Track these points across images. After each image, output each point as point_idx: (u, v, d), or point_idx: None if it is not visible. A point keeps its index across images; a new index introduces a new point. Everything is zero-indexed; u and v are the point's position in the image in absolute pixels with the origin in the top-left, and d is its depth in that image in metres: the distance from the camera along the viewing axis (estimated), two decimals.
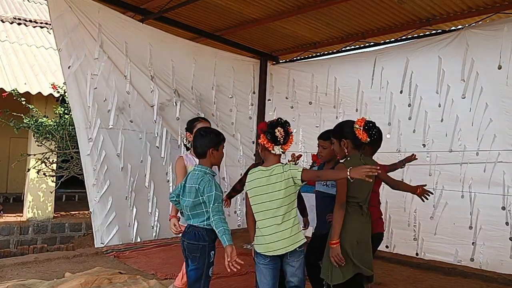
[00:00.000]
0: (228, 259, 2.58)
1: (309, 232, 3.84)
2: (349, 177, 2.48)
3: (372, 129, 2.87)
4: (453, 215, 5.42)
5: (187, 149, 3.53)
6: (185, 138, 3.56)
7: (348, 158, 2.90)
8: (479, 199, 5.24)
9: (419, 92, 5.82)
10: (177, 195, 2.94)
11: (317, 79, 7.04)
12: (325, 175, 2.94)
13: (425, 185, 3.25)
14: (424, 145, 5.71)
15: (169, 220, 3.23)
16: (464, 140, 5.38)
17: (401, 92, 5.97)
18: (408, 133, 5.84)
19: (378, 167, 2.49)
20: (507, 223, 4.99)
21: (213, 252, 2.84)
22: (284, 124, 2.70)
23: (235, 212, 7.17)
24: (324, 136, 3.36)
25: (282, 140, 2.66)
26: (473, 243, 5.17)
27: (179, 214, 3.20)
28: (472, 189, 5.30)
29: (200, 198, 2.76)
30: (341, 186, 2.80)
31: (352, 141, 2.90)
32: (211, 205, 2.71)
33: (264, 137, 2.69)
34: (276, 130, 2.65)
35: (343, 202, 2.79)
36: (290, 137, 2.71)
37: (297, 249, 2.70)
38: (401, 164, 3.77)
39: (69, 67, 5.34)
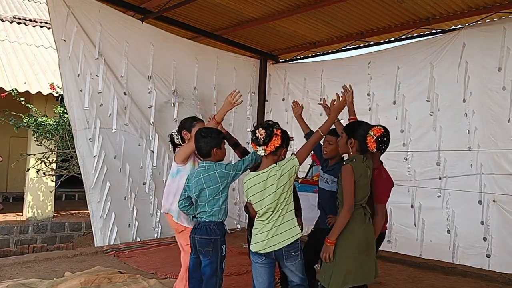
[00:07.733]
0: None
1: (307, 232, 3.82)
2: (321, 133, 2.83)
3: (384, 143, 2.86)
4: (430, 232, 5.42)
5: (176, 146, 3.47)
6: (180, 137, 3.42)
7: (354, 160, 2.88)
8: (458, 215, 5.25)
9: (407, 101, 5.82)
10: (186, 199, 3.01)
11: (309, 84, 7.06)
12: (309, 144, 2.86)
13: None
14: (405, 159, 5.72)
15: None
16: (446, 153, 5.34)
17: (393, 103, 5.96)
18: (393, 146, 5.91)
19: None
20: (484, 239, 4.98)
21: (224, 246, 2.93)
22: (270, 126, 2.68)
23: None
24: (332, 132, 3.28)
25: (262, 141, 2.65)
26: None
27: (188, 223, 3.22)
28: (449, 203, 5.29)
29: (220, 183, 2.87)
30: (349, 189, 2.74)
31: (359, 144, 2.88)
32: (235, 165, 2.95)
33: (251, 138, 2.74)
34: (257, 131, 2.67)
35: (351, 205, 2.73)
36: (274, 138, 2.66)
37: (293, 253, 2.69)
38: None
39: (78, 75, 5.32)
